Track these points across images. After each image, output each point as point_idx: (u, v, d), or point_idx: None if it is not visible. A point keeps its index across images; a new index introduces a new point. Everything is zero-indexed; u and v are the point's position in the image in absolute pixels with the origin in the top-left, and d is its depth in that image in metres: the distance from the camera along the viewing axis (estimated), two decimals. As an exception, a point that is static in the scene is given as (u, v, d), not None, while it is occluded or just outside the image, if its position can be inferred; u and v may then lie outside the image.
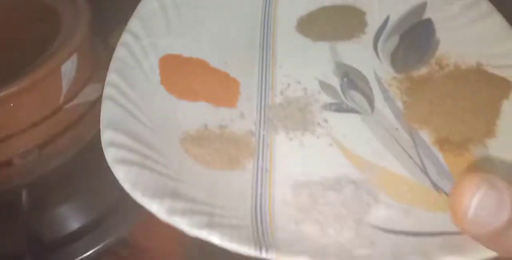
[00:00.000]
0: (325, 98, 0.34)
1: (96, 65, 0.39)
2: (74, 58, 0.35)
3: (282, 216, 0.27)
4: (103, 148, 0.26)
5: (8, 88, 0.31)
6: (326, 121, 0.33)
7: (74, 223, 0.36)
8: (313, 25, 0.40)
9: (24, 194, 0.34)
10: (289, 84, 0.35)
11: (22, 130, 0.33)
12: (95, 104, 0.37)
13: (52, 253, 0.34)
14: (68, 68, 0.34)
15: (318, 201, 0.27)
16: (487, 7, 0.37)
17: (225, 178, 0.29)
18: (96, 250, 0.34)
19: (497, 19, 0.37)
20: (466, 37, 0.37)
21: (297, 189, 0.28)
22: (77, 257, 0.34)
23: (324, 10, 0.40)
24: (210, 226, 0.24)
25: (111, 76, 0.30)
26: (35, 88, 0.32)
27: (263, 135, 0.32)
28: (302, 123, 0.32)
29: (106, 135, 0.26)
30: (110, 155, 0.25)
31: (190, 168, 0.28)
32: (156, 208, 0.23)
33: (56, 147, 0.35)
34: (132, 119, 0.29)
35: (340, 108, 0.34)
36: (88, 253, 0.34)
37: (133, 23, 0.34)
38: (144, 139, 0.28)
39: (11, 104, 0.32)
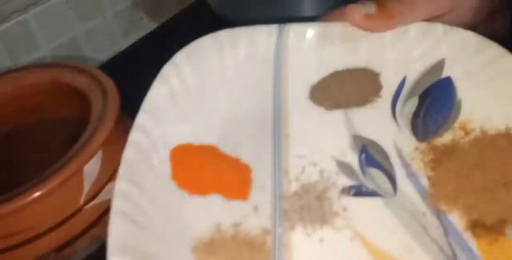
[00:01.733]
0: (344, 181, 0.33)
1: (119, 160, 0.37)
2: (99, 156, 0.34)
3: None
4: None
5: (26, 196, 0.30)
6: (345, 209, 0.31)
7: None
8: (326, 92, 0.38)
9: None
10: (304, 168, 0.34)
11: (39, 235, 0.32)
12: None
13: None
14: (91, 167, 0.33)
15: None
16: (511, 61, 0.34)
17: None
18: None
19: (524, 75, 0.34)
20: (491, 96, 0.35)
21: (318, 298, 0.27)
22: None
23: (336, 75, 0.39)
24: None
25: (121, 185, 0.30)
26: (56, 192, 0.32)
27: (279, 233, 0.30)
28: (320, 214, 0.31)
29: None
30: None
31: (204, 282, 0.27)
32: None
33: (74, 249, 0.34)
34: (143, 236, 0.28)
35: (360, 191, 0.32)
36: None
37: (142, 118, 0.34)
38: (154, 254, 0.27)
39: (26, 212, 0.31)
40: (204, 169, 0.33)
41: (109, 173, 0.35)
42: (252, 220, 0.31)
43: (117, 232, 0.27)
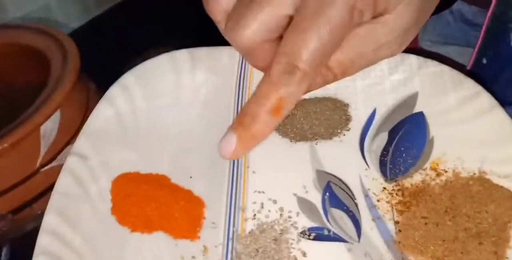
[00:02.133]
0: (304, 221, 0.30)
1: (80, 124, 0.34)
2: (56, 117, 0.32)
3: None
4: None
5: None
6: (304, 254, 0.28)
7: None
8: (292, 123, 0.35)
9: (4, 251, 0.32)
10: (262, 204, 0.30)
11: None
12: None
13: None
14: (48, 128, 0.31)
15: None
16: (488, 101, 0.33)
17: None
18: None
19: (499, 116, 0.32)
20: (465, 136, 0.33)
21: None
22: None
23: (302, 105, 0.36)
24: None
25: (49, 220, 0.26)
26: (10, 152, 0.29)
27: (229, 280, 0.27)
28: (276, 259, 0.27)
29: None
30: None
31: None
32: None
33: (31, 212, 0.32)
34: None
35: (321, 236, 0.29)
36: None
37: (80, 142, 0.30)
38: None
39: None
40: (150, 202, 0.29)
41: (68, 136, 0.33)
42: (200, 264, 0.27)
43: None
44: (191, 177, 0.32)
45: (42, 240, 0.25)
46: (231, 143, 0.26)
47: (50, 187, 0.31)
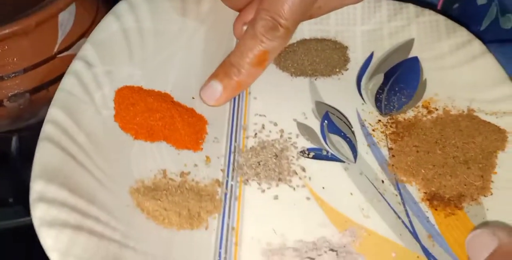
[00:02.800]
0: (304, 143, 0.31)
1: (94, 18, 0.37)
2: (72, 9, 0.34)
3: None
4: (30, 203, 0.21)
5: (2, 30, 0.30)
6: (303, 169, 0.29)
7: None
8: (292, 59, 0.36)
9: (14, 140, 0.36)
10: (263, 125, 0.31)
11: (14, 73, 0.33)
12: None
13: None
14: (66, 18, 0.34)
15: (292, 272, 0.23)
16: (479, 47, 0.35)
17: (183, 239, 0.24)
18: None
19: (489, 61, 0.34)
20: (456, 79, 0.35)
21: (268, 255, 0.24)
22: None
23: (303, 43, 0.37)
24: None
25: (54, 112, 0.25)
26: (31, 32, 0.32)
27: (231, 186, 0.27)
28: (277, 172, 0.28)
29: (36, 188, 0.21)
30: (38, 214, 0.20)
31: (141, 227, 0.24)
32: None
33: (48, 95, 0.34)
34: (75, 166, 0.24)
35: (320, 155, 0.30)
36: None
37: (86, 49, 0.29)
38: (87, 191, 0.23)
39: (6, 47, 0.31)
40: (154, 113, 0.29)
41: (82, 30, 0.36)
42: (203, 171, 0.28)
43: (44, 158, 0.23)
44: (193, 98, 0.32)
45: (47, 128, 0.24)
46: (216, 91, 0.30)
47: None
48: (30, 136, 0.34)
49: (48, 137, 0.24)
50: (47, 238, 0.19)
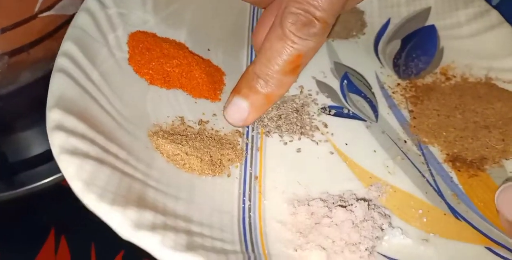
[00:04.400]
0: (324, 100, 0.29)
1: None
2: None
3: (278, 239, 0.21)
4: (48, 132, 0.19)
5: None
6: (326, 125, 0.28)
7: (39, 148, 0.34)
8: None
9: None
10: (282, 80, 0.30)
11: None
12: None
13: (16, 175, 0.33)
14: None
15: (322, 221, 0.22)
16: (496, 17, 0.34)
17: (205, 185, 0.22)
18: (60, 176, 0.33)
19: (506, 31, 0.34)
20: (474, 48, 0.34)
21: (294, 205, 0.23)
22: (40, 180, 0.33)
23: None
24: (190, 248, 0.17)
25: (67, 45, 0.23)
26: None
27: (253, 137, 0.26)
28: (299, 126, 0.27)
29: (53, 116, 0.19)
30: (57, 142, 0.18)
31: (162, 169, 0.22)
32: (118, 219, 0.17)
33: (28, 58, 0.31)
34: (90, 101, 0.22)
35: (341, 113, 0.29)
36: (52, 178, 0.33)
37: (100, -12, 0.27)
38: (104, 128, 0.21)
39: None
40: (170, 59, 0.27)
41: None
42: (222, 121, 0.26)
43: (60, 88, 0.21)
44: (209, 50, 0.31)
45: (60, 61, 0.22)
46: (242, 110, 0.23)
47: (48, 35, 0.32)
48: (9, 105, 0.33)
49: (62, 69, 0.22)
50: (69, 166, 0.18)
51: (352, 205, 0.22)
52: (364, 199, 0.23)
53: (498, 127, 0.29)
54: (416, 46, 0.35)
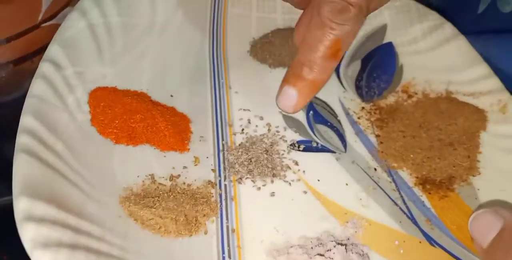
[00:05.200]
0: (293, 135, 0.30)
1: None
2: None
3: (262, 294, 0.21)
4: (17, 224, 0.19)
5: None
6: (296, 163, 0.28)
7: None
8: (269, 50, 0.35)
9: None
10: (249, 120, 0.30)
11: None
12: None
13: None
14: None
15: (302, 270, 0.22)
16: (451, 30, 0.35)
17: (183, 249, 0.23)
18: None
19: (462, 43, 0.35)
20: (432, 63, 0.35)
21: (273, 255, 0.23)
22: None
23: (278, 33, 0.36)
24: None
25: (26, 120, 0.23)
26: (13, 0, 0.30)
27: (225, 186, 0.26)
28: (270, 167, 0.27)
29: (21, 206, 0.19)
30: (29, 236, 0.18)
31: (137, 238, 0.22)
32: None
33: (32, 66, 0.32)
34: (57, 177, 0.22)
35: (310, 147, 0.29)
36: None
37: (53, 50, 0.27)
38: (74, 204, 0.21)
39: None
40: (133, 114, 0.27)
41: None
42: (193, 172, 0.26)
43: (24, 171, 0.21)
44: (172, 96, 0.31)
45: (21, 139, 0.22)
46: (291, 97, 0.25)
47: None
48: (12, 111, 0.32)
49: (24, 148, 0.22)
50: (43, 262, 0.18)
51: (330, 250, 0.23)
52: (341, 243, 0.23)
53: (462, 143, 0.30)
54: (376, 65, 0.35)
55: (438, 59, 0.35)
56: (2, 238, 0.30)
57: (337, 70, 0.35)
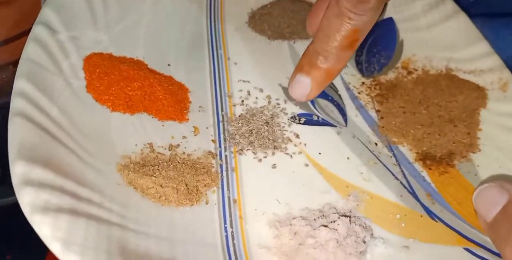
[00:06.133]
0: (293, 108, 0.29)
1: None
2: None
3: (265, 264, 0.21)
4: (15, 188, 0.18)
5: None
6: (297, 136, 0.28)
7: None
8: (268, 22, 0.34)
9: None
10: (249, 92, 0.29)
11: None
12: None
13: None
14: None
15: (306, 242, 0.22)
16: (452, 7, 0.35)
17: (185, 217, 0.22)
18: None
19: (462, 20, 0.34)
20: (432, 39, 0.34)
21: (276, 226, 0.23)
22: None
23: (277, 4, 0.35)
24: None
25: (20, 83, 0.22)
26: (12, 2, 0.31)
27: (226, 157, 0.26)
28: (271, 139, 0.27)
29: (18, 170, 0.18)
30: (27, 200, 0.17)
31: (138, 207, 0.21)
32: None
33: None
34: (54, 143, 0.21)
35: (311, 121, 0.29)
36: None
37: (46, 13, 0.26)
38: (72, 171, 0.20)
39: None
40: (130, 82, 0.26)
41: None
42: (192, 142, 0.26)
43: (20, 136, 0.20)
44: (169, 65, 0.30)
45: (16, 103, 0.21)
46: (305, 85, 0.25)
47: None
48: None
49: (19, 112, 0.21)
50: (44, 227, 0.17)
51: (334, 222, 0.22)
52: (345, 215, 0.23)
53: (462, 120, 0.30)
54: (376, 41, 0.35)
55: (439, 36, 0.34)
56: (5, 237, 0.29)
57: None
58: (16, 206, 0.18)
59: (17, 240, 0.30)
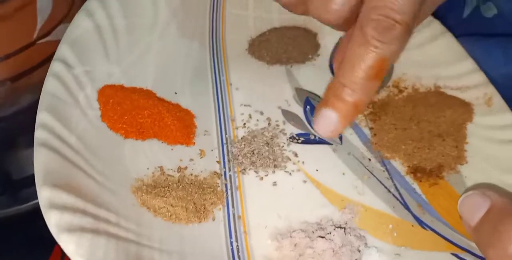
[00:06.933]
0: (291, 129, 0.31)
1: (72, 3, 0.36)
2: None
3: (268, 274, 0.23)
4: (43, 212, 0.20)
5: None
6: (296, 155, 0.30)
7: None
8: (266, 48, 0.37)
9: None
10: (250, 115, 0.32)
11: None
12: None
13: (20, 191, 0.33)
14: (44, 3, 0.33)
15: (305, 252, 0.24)
16: (439, 27, 0.37)
17: (193, 233, 0.24)
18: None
19: (449, 40, 0.37)
20: (421, 59, 0.37)
21: (278, 239, 0.25)
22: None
23: (275, 31, 0.38)
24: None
25: (43, 116, 0.24)
26: (9, 19, 0.31)
27: (230, 176, 0.28)
28: (272, 159, 0.29)
29: (45, 194, 0.21)
30: (53, 221, 0.20)
31: (151, 225, 0.24)
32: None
33: (29, 82, 0.33)
34: (73, 169, 0.23)
35: (308, 140, 0.31)
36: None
37: (63, 50, 0.28)
38: (90, 194, 0.23)
39: None
40: (141, 110, 0.29)
41: (61, 14, 0.35)
42: (199, 164, 0.28)
43: (44, 164, 0.22)
44: (176, 93, 0.32)
45: (39, 134, 0.23)
46: (331, 121, 0.23)
47: (47, 59, 0.34)
48: (11, 125, 0.34)
49: (42, 142, 0.23)
50: (69, 245, 0.19)
51: (330, 233, 0.24)
52: (340, 226, 0.25)
53: (450, 134, 0.32)
54: (368, 62, 0.37)
55: (427, 55, 0.37)
56: (6, 249, 0.31)
57: (331, 67, 0.37)
58: (11, 219, 0.20)
59: (17, 252, 0.32)
